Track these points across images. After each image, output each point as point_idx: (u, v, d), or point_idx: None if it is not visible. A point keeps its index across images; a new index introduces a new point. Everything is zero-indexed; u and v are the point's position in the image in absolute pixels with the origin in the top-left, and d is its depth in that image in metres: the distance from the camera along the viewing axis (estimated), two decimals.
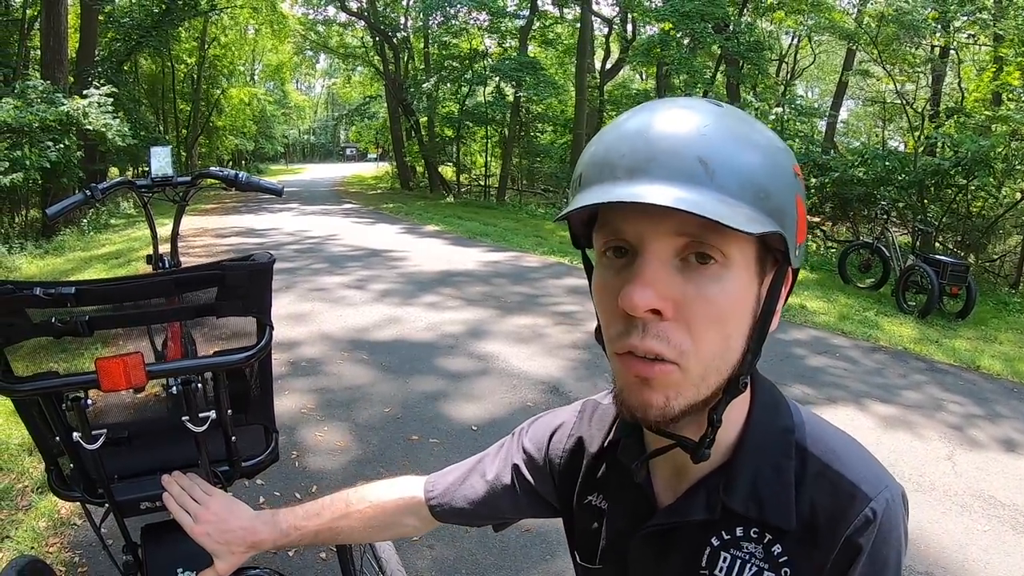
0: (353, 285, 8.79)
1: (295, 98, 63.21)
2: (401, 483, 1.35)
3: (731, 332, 0.80)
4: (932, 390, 5.81)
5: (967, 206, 12.27)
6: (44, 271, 9.88)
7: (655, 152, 0.74)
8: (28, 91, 12.74)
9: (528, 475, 1.19)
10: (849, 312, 8.52)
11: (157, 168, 2.97)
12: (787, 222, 0.77)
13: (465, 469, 1.28)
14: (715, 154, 0.74)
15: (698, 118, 0.77)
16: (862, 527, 0.82)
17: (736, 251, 0.77)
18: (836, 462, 0.87)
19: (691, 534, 0.92)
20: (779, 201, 0.76)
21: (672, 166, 0.73)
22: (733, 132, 0.77)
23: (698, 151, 0.74)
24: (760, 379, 0.94)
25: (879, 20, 14.68)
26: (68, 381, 1.42)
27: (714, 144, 0.74)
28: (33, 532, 3.25)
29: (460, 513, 1.25)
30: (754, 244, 0.79)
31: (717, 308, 0.77)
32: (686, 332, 0.77)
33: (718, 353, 0.79)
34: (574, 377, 5.55)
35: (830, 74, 35.41)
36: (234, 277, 1.45)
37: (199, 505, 1.42)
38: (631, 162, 0.75)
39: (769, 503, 0.86)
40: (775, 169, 0.77)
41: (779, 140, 0.82)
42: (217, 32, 32.99)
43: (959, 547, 3.49)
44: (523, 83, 22.24)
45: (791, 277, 0.86)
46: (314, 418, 4.64)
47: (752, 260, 0.79)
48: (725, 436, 0.89)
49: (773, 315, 0.83)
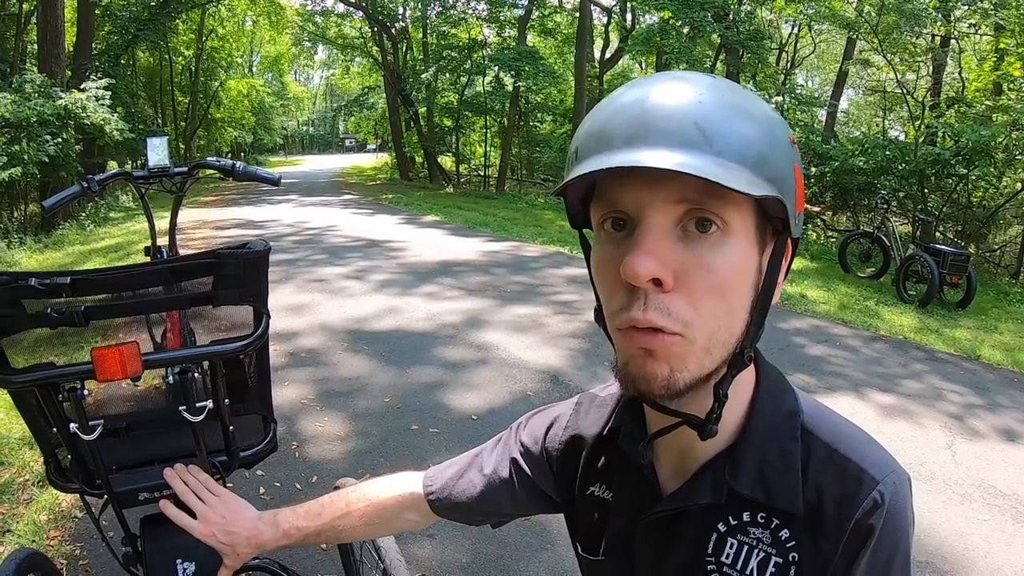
0: (352, 276, 8.78)
1: (293, 89, 63.05)
2: (400, 479, 1.34)
3: (733, 303, 0.79)
4: (932, 379, 5.81)
5: (967, 196, 12.27)
6: (43, 265, 9.88)
7: (652, 119, 0.74)
8: (25, 86, 12.72)
9: (526, 468, 1.18)
10: (849, 301, 8.52)
11: (154, 159, 2.95)
12: (786, 189, 0.77)
13: (464, 463, 1.27)
14: (712, 121, 0.73)
15: (694, 88, 0.76)
16: (871, 510, 0.81)
17: (736, 218, 0.76)
18: (842, 446, 0.86)
19: (697, 520, 0.91)
20: (777, 168, 0.76)
21: (670, 132, 0.73)
22: (729, 101, 0.76)
23: (695, 118, 0.73)
24: (764, 362, 0.93)
25: (880, 9, 14.62)
26: (64, 372, 1.42)
27: (711, 112, 0.74)
28: (34, 525, 3.25)
29: (459, 507, 1.24)
30: (754, 212, 0.78)
31: (718, 277, 0.76)
32: (688, 303, 0.76)
33: (721, 324, 0.78)
34: (574, 366, 5.55)
35: (830, 63, 35.33)
36: (230, 265, 1.45)
37: (204, 505, 1.41)
38: (628, 131, 0.74)
39: (776, 487, 0.85)
40: (771, 137, 0.77)
41: (774, 111, 0.82)
42: (215, 24, 32.95)
43: (960, 536, 3.49)
44: (522, 73, 22.23)
45: (791, 248, 0.85)
46: (314, 408, 4.64)
47: (752, 228, 0.79)
48: (730, 418, 0.89)
49: (775, 286, 0.82)
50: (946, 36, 16.19)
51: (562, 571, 3.07)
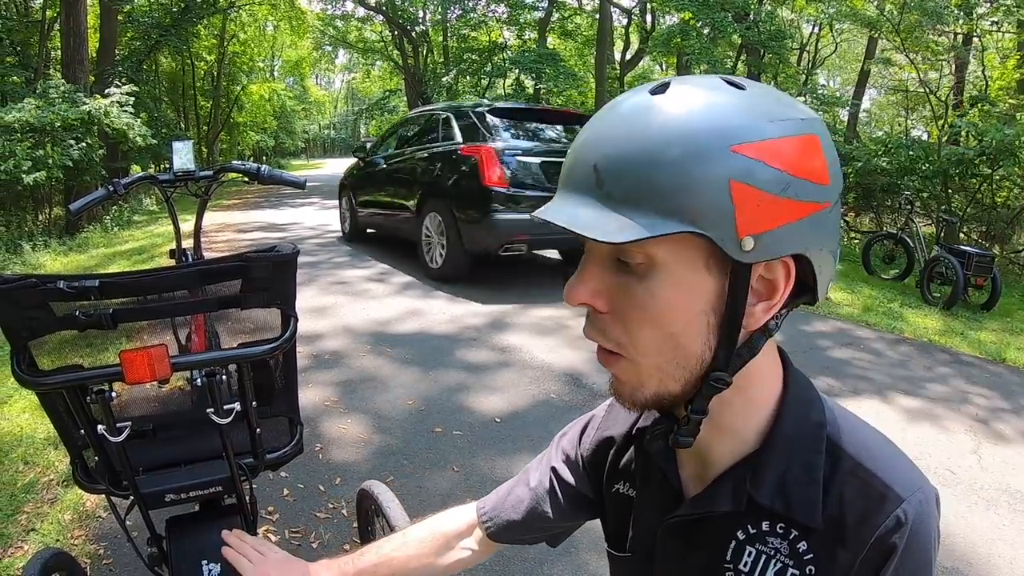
0: (375, 278, 8.80)
1: (315, 93, 63.41)
2: (456, 509, 1.35)
3: (676, 331, 0.79)
4: (958, 383, 5.75)
5: (992, 196, 12.14)
6: (68, 267, 9.96)
7: (573, 161, 0.80)
8: (49, 91, 12.85)
9: (566, 476, 1.19)
10: (873, 304, 8.46)
11: (179, 163, 2.97)
12: (710, 216, 0.72)
13: (512, 482, 1.29)
14: (607, 159, 0.75)
15: (613, 118, 0.78)
16: (893, 528, 0.80)
17: (663, 252, 0.76)
18: (869, 461, 0.85)
19: (717, 526, 0.91)
20: (687, 198, 0.72)
21: (577, 176, 0.78)
22: (635, 128, 0.75)
23: (595, 158, 0.76)
24: (793, 370, 0.92)
25: (901, 7, 14.48)
26: (93, 374, 1.43)
27: (608, 147, 0.75)
28: (58, 524, 3.27)
29: (511, 527, 1.25)
30: (694, 240, 0.75)
31: (646, 309, 0.78)
32: (623, 328, 0.81)
33: (665, 349, 0.80)
34: (597, 369, 5.52)
35: (852, 63, 35.19)
36: (258, 268, 1.46)
37: (253, 565, 1.42)
38: (565, 170, 0.82)
39: (796, 499, 0.85)
40: (682, 163, 0.72)
41: (710, 120, 0.75)
42: (236, 29, 33.13)
43: (985, 542, 3.45)
44: (543, 75, 22.27)
45: (792, 267, 0.80)
46: (337, 410, 4.65)
47: (696, 255, 0.76)
48: (753, 425, 0.88)
49: (743, 314, 0.79)
50: (968, 34, 16.01)
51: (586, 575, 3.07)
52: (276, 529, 3.29)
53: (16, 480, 3.66)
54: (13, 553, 3.08)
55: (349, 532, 3.26)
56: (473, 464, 3.98)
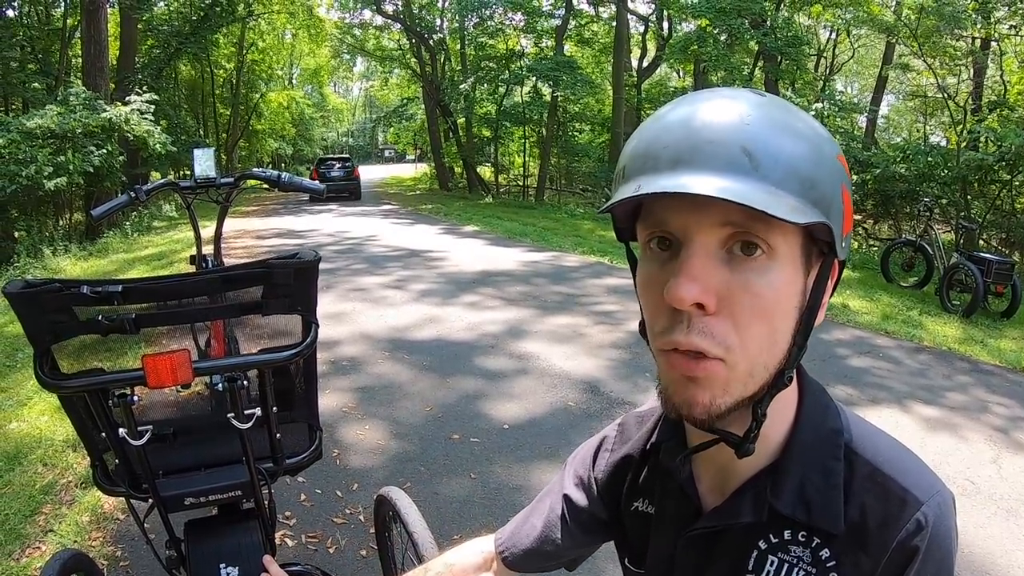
0: (393, 285, 8.83)
1: (333, 101, 63.68)
2: (476, 541, 1.35)
3: (777, 326, 0.78)
4: (977, 391, 5.70)
5: (1012, 202, 12.06)
6: (88, 272, 10.04)
7: (698, 142, 0.73)
8: (70, 98, 12.97)
9: (579, 500, 1.18)
10: (892, 312, 8.40)
11: (200, 170, 2.99)
12: (833, 212, 0.76)
13: (528, 510, 1.28)
14: (759, 144, 0.72)
15: (741, 108, 0.75)
16: (914, 532, 0.80)
17: (782, 242, 0.75)
18: (886, 465, 0.85)
19: (737, 537, 0.90)
20: (824, 191, 0.75)
21: (716, 156, 0.72)
22: (776, 121, 0.75)
23: (742, 141, 0.72)
24: (809, 380, 0.92)
25: (919, 12, 14.42)
26: (116, 378, 1.44)
27: (758, 134, 0.73)
28: (77, 526, 3.30)
29: (526, 555, 1.24)
30: (800, 235, 0.77)
31: (763, 301, 0.76)
32: (731, 327, 0.75)
33: (764, 348, 0.78)
34: (614, 376, 5.52)
35: (869, 68, 34.98)
36: (280, 275, 1.47)
37: None
38: (674, 153, 0.74)
39: (817, 506, 0.84)
40: (820, 158, 0.76)
41: (823, 129, 0.80)
42: (255, 37, 33.38)
43: (1005, 553, 3.42)
44: (560, 82, 22.27)
45: (838, 269, 0.84)
46: (355, 416, 4.67)
47: (798, 252, 0.78)
48: (773, 435, 0.88)
49: (819, 309, 0.81)
50: (986, 38, 15.93)
51: None
52: (293, 534, 3.30)
53: (35, 481, 3.70)
54: (31, 554, 3.11)
55: (366, 538, 3.27)
56: (490, 471, 3.98)
